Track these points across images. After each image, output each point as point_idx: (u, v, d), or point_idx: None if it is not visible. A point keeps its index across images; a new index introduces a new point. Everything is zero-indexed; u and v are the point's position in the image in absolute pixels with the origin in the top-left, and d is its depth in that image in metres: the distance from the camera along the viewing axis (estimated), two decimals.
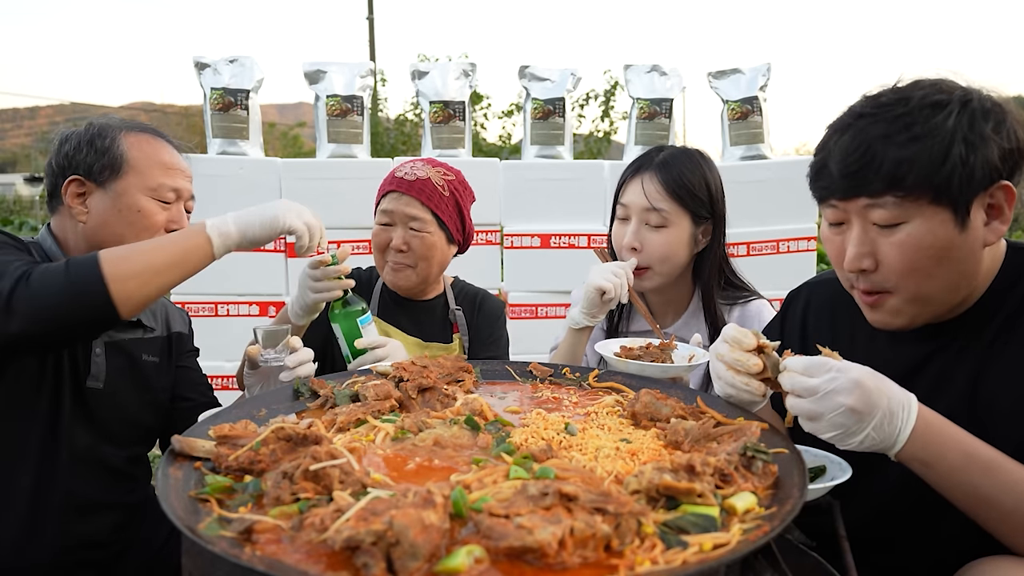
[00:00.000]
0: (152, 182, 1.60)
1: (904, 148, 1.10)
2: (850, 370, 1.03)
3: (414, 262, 1.95)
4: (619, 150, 4.27)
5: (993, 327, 1.21)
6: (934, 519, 1.22)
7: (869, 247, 1.17)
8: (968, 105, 1.11)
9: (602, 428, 1.20)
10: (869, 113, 1.15)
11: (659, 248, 1.81)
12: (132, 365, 1.67)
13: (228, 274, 3.22)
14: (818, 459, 1.17)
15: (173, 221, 1.64)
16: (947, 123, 1.09)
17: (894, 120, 1.12)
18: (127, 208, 1.58)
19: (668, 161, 1.83)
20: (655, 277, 1.84)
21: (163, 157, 1.64)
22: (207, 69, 3.33)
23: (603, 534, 0.78)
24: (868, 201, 1.14)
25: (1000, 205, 1.14)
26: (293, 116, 22.36)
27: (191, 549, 0.86)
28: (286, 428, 1.02)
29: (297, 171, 3.31)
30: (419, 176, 1.92)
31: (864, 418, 1.02)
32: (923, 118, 1.10)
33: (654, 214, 1.80)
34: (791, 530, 1.08)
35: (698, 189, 1.82)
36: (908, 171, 1.09)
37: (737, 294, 1.91)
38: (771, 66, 3.62)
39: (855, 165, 1.14)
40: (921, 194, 1.10)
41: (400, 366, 1.41)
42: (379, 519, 0.74)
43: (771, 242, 3.40)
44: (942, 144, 1.08)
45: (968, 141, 1.08)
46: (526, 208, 3.43)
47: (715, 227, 1.87)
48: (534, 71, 3.59)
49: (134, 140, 1.62)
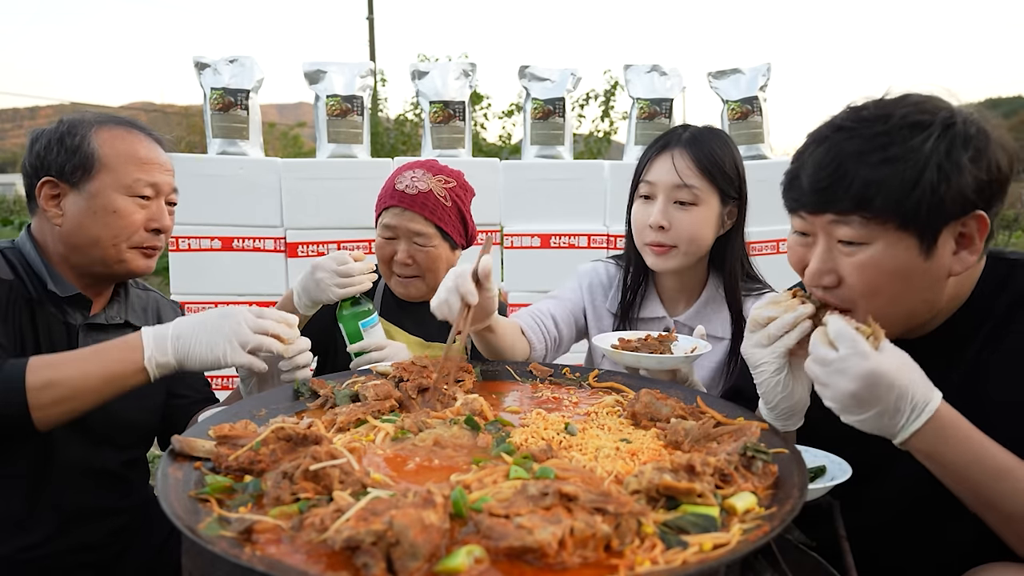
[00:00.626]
0: (127, 179, 1.52)
1: (876, 169, 1.07)
2: (870, 357, 1.01)
3: (421, 273, 1.94)
4: (619, 150, 4.27)
5: (978, 338, 1.20)
6: (935, 522, 1.22)
7: (831, 264, 1.16)
8: (949, 130, 1.07)
9: (602, 428, 1.20)
10: (848, 127, 1.12)
11: (688, 227, 1.71)
12: None
13: (228, 274, 3.23)
14: (818, 459, 1.17)
15: (153, 219, 1.57)
16: (924, 147, 1.05)
17: (871, 138, 1.09)
18: (102, 209, 1.51)
19: (698, 137, 1.74)
20: (679, 257, 1.74)
21: (138, 152, 1.56)
22: (207, 69, 3.33)
23: (603, 534, 0.78)
24: (835, 217, 1.12)
25: (971, 235, 1.11)
26: (293, 116, 22.37)
27: (191, 549, 0.86)
28: (286, 428, 1.02)
29: (297, 171, 3.31)
30: (420, 189, 1.90)
31: (863, 406, 1.02)
32: (900, 139, 1.07)
33: (685, 191, 1.70)
34: (791, 530, 1.08)
35: (728, 167, 1.73)
36: (877, 193, 1.07)
37: (750, 285, 1.85)
38: (771, 66, 3.62)
39: (825, 181, 1.12)
40: (888, 217, 1.08)
41: (400, 366, 1.41)
42: (379, 519, 0.74)
43: (771, 242, 3.40)
44: (915, 169, 1.05)
45: (942, 169, 1.05)
46: (526, 208, 3.43)
47: (739, 210, 1.79)
48: (534, 71, 3.59)
49: (106, 136, 1.53)
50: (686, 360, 1.47)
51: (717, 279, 1.85)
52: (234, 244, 3.24)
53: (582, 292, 1.93)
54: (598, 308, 1.91)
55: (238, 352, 1.33)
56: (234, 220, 3.23)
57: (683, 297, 1.87)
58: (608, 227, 3.44)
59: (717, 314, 1.83)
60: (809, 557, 1.03)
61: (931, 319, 1.21)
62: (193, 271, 3.22)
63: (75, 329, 1.55)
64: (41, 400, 1.27)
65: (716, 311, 1.83)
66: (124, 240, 1.54)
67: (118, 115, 1.62)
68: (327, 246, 3.27)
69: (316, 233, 3.27)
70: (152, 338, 1.34)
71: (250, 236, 3.25)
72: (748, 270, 1.86)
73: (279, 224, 3.29)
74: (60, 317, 1.53)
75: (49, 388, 1.27)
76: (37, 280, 1.52)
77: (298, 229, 3.28)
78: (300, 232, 3.27)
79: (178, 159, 3.27)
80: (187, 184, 3.21)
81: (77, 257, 1.55)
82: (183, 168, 3.23)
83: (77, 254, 1.54)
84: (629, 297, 1.87)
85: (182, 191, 1.68)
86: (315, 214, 3.27)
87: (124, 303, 1.67)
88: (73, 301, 1.54)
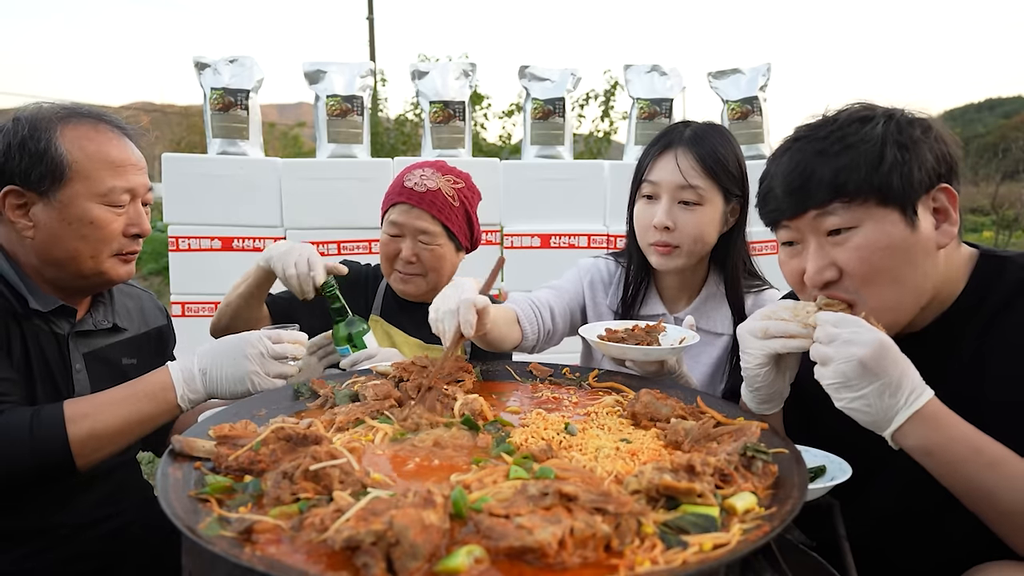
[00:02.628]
0: (102, 187, 1.41)
1: (839, 157, 1.15)
2: (878, 332, 1.06)
3: (424, 272, 1.94)
4: (619, 150, 4.28)
5: (970, 333, 1.21)
6: (935, 522, 1.22)
7: (828, 259, 1.18)
8: (893, 117, 1.17)
9: (602, 428, 1.20)
10: (803, 136, 1.22)
11: (692, 227, 1.69)
12: (112, 371, 1.56)
13: (228, 274, 3.22)
14: (818, 459, 1.17)
15: (132, 224, 1.48)
16: (875, 130, 1.16)
17: (826, 137, 1.18)
18: (78, 220, 1.40)
19: (700, 135, 1.72)
20: (684, 257, 1.72)
21: (110, 153, 1.43)
22: (207, 69, 3.33)
23: (603, 534, 0.78)
24: (817, 212, 1.17)
25: (944, 208, 1.17)
26: (293, 116, 22.34)
27: (191, 549, 0.86)
28: (286, 428, 1.02)
29: (297, 171, 3.31)
30: (429, 187, 1.90)
31: (867, 376, 1.04)
32: (852, 131, 1.17)
33: (689, 191, 1.68)
34: (791, 530, 1.08)
35: (731, 165, 1.71)
36: (848, 176, 1.14)
37: (751, 282, 1.85)
38: (771, 66, 3.62)
39: (797, 182, 1.18)
40: (866, 197, 1.14)
41: (400, 366, 1.41)
42: (379, 519, 0.74)
43: (771, 242, 3.39)
44: (875, 148, 1.14)
45: (900, 143, 1.14)
46: (526, 208, 3.43)
47: (742, 207, 1.78)
48: (534, 71, 3.59)
49: (73, 136, 1.40)
50: (673, 351, 1.45)
51: (718, 276, 1.84)
52: (234, 244, 3.24)
53: (583, 287, 1.91)
54: (599, 305, 1.90)
55: (265, 381, 1.39)
56: (234, 220, 3.23)
57: (684, 294, 1.86)
58: (608, 227, 3.44)
59: (717, 310, 1.82)
60: (809, 557, 1.03)
61: (927, 312, 1.23)
62: (193, 271, 3.22)
63: (64, 338, 1.50)
64: (85, 450, 1.29)
65: (716, 307, 1.82)
66: (104, 250, 1.46)
67: (80, 107, 1.47)
68: (327, 246, 3.27)
69: (316, 233, 3.27)
70: (181, 376, 1.36)
71: (250, 236, 3.25)
72: (749, 267, 1.86)
73: (279, 224, 3.29)
74: (47, 328, 1.47)
75: (92, 439, 1.29)
76: (16, 295, 1.43)
77: (298, 229, 3.28)
78: (300, 232, 3.27)
79: (178, 159, 3.29)
80: (187, 184, 3.25)
81: (53, 271, 1.46)
82: (183, 168, 3.27)
83: (53, 268, 1.46)
84: (630, 294, 1.86)
85: (182, 191, 1.66)
86: (315, 214, 3.27)
87: (109, 305, 1.62)
88: (57, 312, 1.48)
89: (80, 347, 1.52)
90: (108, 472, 1.55)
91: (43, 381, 1.45)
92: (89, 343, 1.54)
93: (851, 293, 1.19)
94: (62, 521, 1.48)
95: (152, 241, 11.80)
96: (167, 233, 3.21)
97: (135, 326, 1.67)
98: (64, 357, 1.49)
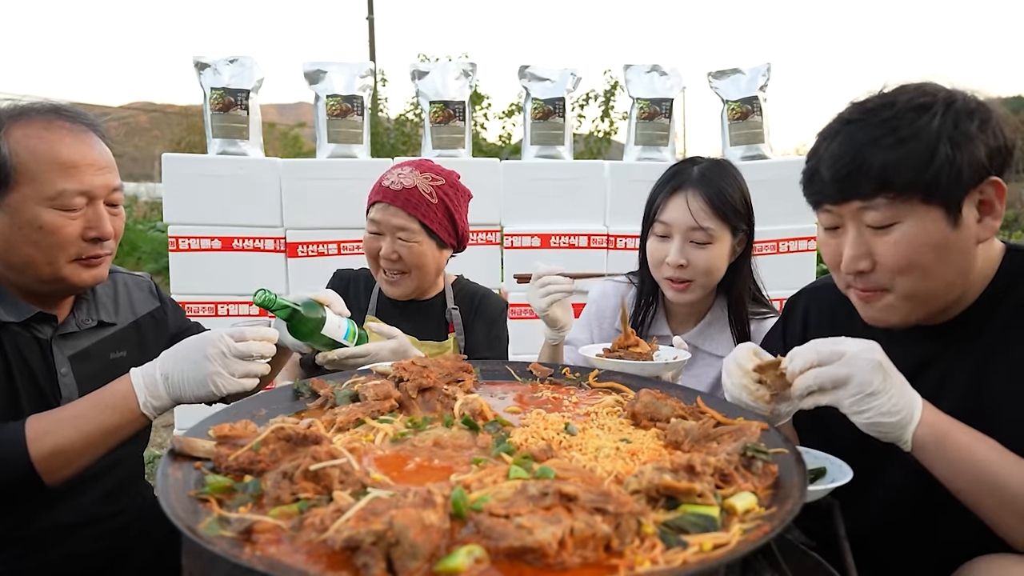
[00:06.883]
0: (49, 190, 1.32)
1: (891, 151, 1.12)
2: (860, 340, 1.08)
3: (408, 269, 1.96)
4: (619, 150, 4.27)
5: (993, 327, 1.21)
6: (935, 522, 1.22)
7: (865, 248, 1.18)
8: (952, 106, 1.12)
9: (602, 428, 1.20)
10: (857, 119, 1.18)
11: (704, 264, 1.82)
12: (102, 369, 1.50)
13: (228, 274, 3.23)
14: (818, 461, 1.17)
15: (91, 228, 1.38)
16: (932, 124, 1.11)
17: (880, 124, 1.14)
18: (27, 225, 1.32)
19: (707, 176, 1.83)
20: (697, 290, 1.86)
21: (60, 154, 1.33)
22: (207, 69, 3.32)
23: (603, 534, 0.78)
24: (861, 204, 1.16)
25: (991, 201, 1.15)
26: (293, 116, 22.35)
27: (191, 549, 0.85)
28: (286, 428, 1.02)
29: (297, 171, 3.31)
30: (405, 185, 1.92)
31: (889, 376, 1.05)
32: (908, 121, 1.12)
33: (700, 232, 1.80)
34: (791, 530, 1.08)
35: (738, 203, 1.84)
36: (896, 172, 1.12)
37: (757, 309, 1.94)
38: (771, 66, 3.61)
39: (845, 170, 1.16)
40: (912, 194, 1.12)
41: (400, 366, 1.41)
42: (379, 519, 0.74)
43: (771, 242, 3.40)
44: (928, 144, 1.10)
45: (954, 140, 1.10)
46: (526, 208, 3.43)
47: (748, 238, 1.89)
48: (534, 71, 3.58)
49: (21, 136, 1.32)
50: (667, 367, 1.52)
51: (723, 301, 1.96)
52: (234, 244, 3.24)
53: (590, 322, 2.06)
54: (604, 329, 2.02)
55: (230, 381, 1.31)
56: (234, 220, 3.23)
57: (691, 318, 1.98)
58: (608, 227, 3.44)
59: (721, 334, 1.93)
60: (809, 557, 1.03)
61: (954, 304, 1.23)
62: (193, 271, 3.21)
63: (47, 343, 1.45)
64: (50, 467, 1.26)
65: (720, 331, 1.94)
66: (60, 256, 1.37)
67: (36, 103, 1.39)
68: (327, 246, 3.27)
69: (316, 233, 3.27)
70: (143, 382, 1.30)
71: (250, 236, 3.25)
72: (755, 294, 1.96)
73: (279, 224, 3.29)
74: (27, 334, 1.43)
75: (56, 456, 1.26)
76: None
77: (298, 229, 3.28)
78: (300, 232, 3.27)
79: (178, 159, 3.29)
80: (187, 184, 3.25)
81: (15, 277, 1.41)
82: (183, 168, 3.27)
83: (14, 274, 1.40)
84: (640, 318, 1.99)
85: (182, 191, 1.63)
86: (315, 214, 3.26)
87: (92, 302, 1.56)
88: (37, 317, 1.43)
89: (65, 349, 1.47)
90: (110, 469, 1.53)
91: (27, 389, 1.42)
92: (75, 344, 1.49)
93: (878, 286, 1.20)
94: (57, 522, 1.47)
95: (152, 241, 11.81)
96: (167, 233, 3.21)
97: (122, 318, 1.61)
98: (48, 362, 1.45)
